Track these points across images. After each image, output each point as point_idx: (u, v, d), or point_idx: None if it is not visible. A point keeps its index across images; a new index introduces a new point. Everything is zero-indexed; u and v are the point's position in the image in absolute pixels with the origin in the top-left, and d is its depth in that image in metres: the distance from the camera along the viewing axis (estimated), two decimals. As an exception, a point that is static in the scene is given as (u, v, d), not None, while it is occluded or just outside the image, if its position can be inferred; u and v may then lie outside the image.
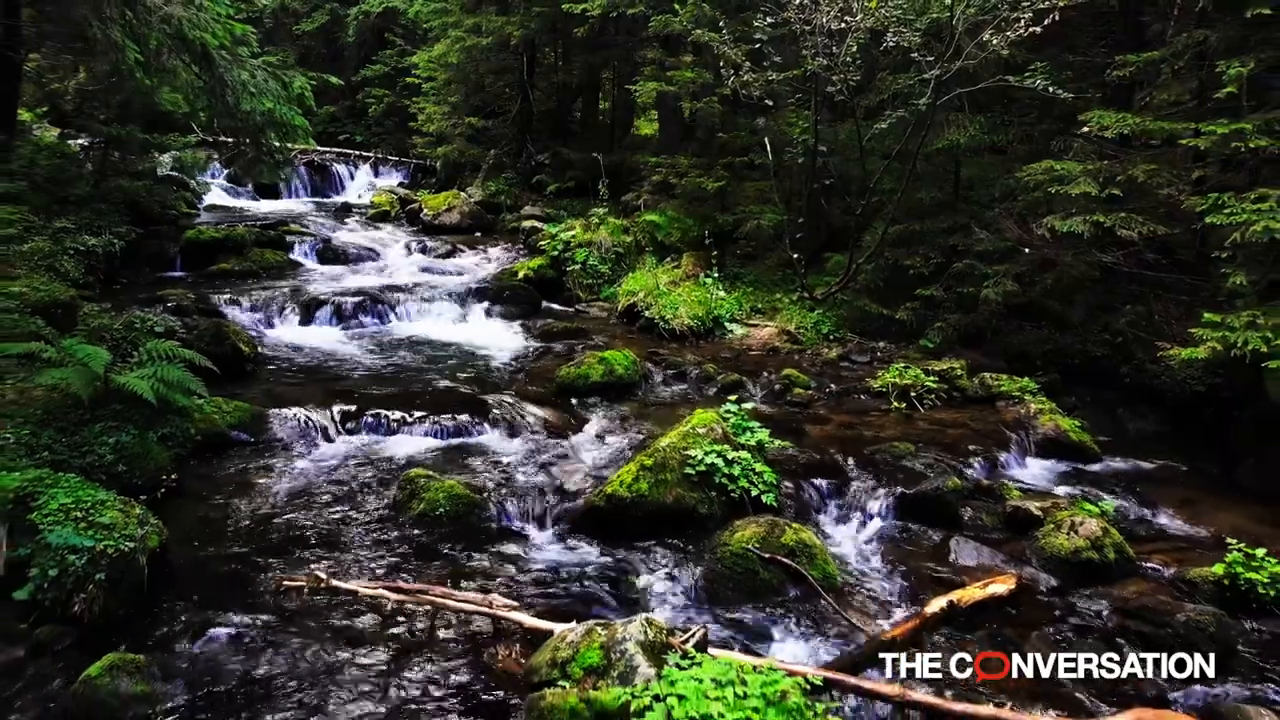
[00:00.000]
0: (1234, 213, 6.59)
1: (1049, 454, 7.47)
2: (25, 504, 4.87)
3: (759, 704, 3.13)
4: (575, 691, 3.60)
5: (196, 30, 5.12)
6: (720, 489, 5.80)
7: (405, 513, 5.69)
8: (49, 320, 8.37)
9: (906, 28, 8.80)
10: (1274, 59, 6.92)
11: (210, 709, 3.90)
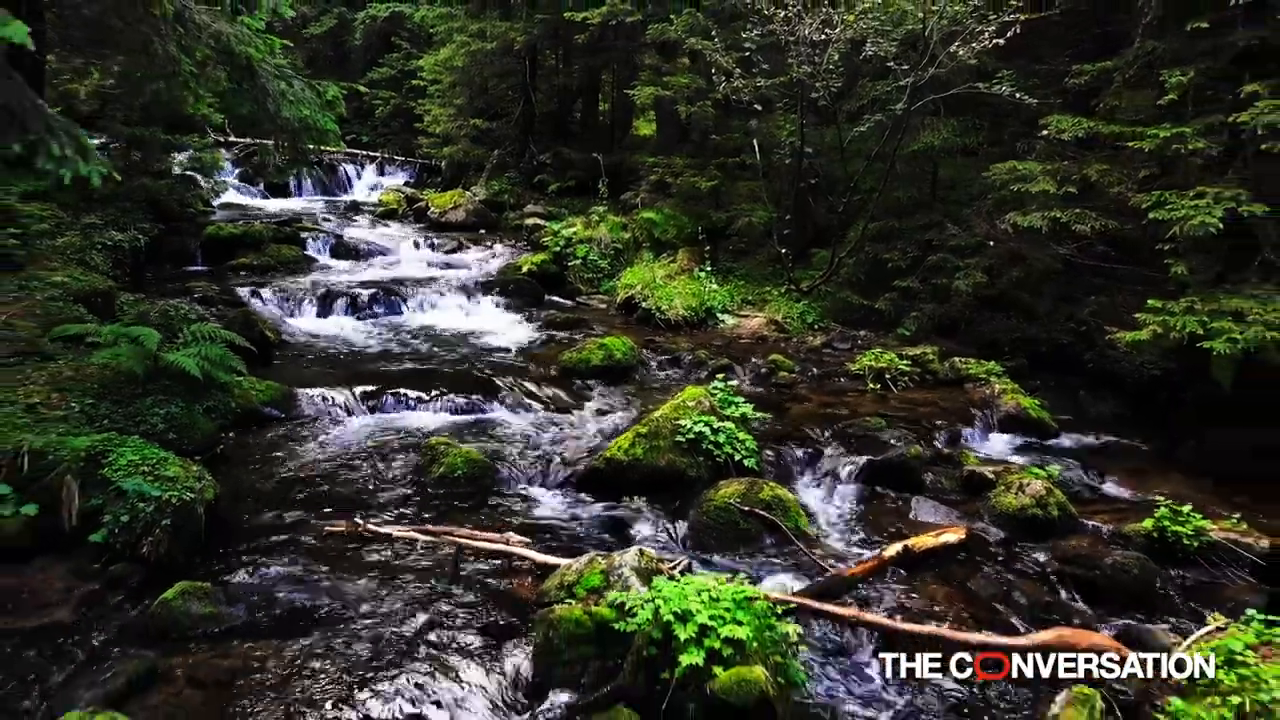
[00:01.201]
0: (1174, 209, 7.29)
1: (1010, 429, 8.16)
2: (96, 461, 5.55)
3: (730, 605, 3.81)
4: (579, 606, 4.29)
5: (242, 45, 5.79)
6: (707, 454, 6.49)
7: (427, 475, 6.38)
8: (90, 308, 9.11)
9: (883, 38, 9.51)
10: (1212, 69, 7.62)
11: (268, 628, 4.58)
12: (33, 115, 3.39)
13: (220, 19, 6.01)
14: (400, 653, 4.33)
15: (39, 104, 3.53)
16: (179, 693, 4.10)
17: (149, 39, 5.30)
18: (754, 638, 3.72)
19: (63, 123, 3.58)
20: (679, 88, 12.57)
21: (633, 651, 3.95)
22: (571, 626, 4.19)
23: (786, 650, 3.92)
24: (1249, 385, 7.68)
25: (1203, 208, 7.12)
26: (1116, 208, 8.18)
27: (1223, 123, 7.45)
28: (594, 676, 4.07)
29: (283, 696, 4.01)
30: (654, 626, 3.80)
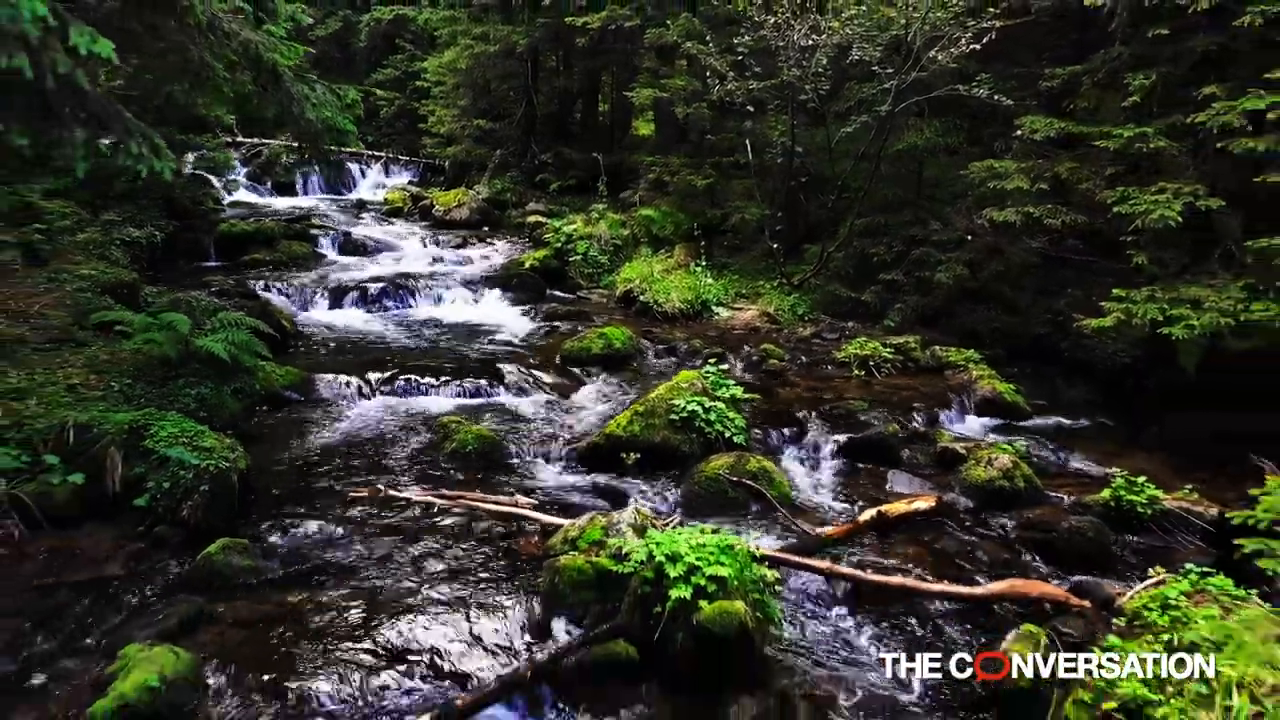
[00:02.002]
0: (1137, 203, 7.80)
1: (985, 412, 8.67)
2: (138, 434, 6.06)
3: (715, 550, 4.32)
4: (582, 557, 4.79)
5: (269, 53, 6.28)
6: (699, 431, 7.00)
7: (440, 450, 6.88)
8: (116, 299, 9.63)
9: (869, 43, 10.01)
10: (1171, 73, 8.13)
11: (301, 578, 5.09)
12: (116, 120, 3.88)
13: (246, 27, 6.50)
14: (421, 599, 4.84)
15: (119, 109, 4.03)
16: (224, 632, 4.61)
17: (185, 46, 5.77)
18: (735, 577, 4.22)
19: (138, 125, 4.07)
20: (676, 90, 13.08)
21: (629, 593, 4.46)
22: (575, 574, 4.70)
23: (764, 590, 4.42)
24: (1211, 371, 8.20)
25: (1162, 202, 7.63)
26: (1086, 203, 8.68)
27: (1184, 123, 7.95)
28: (595, 616, 4.58)
29: (317, 634, 4.52)
30: (648, 567, 4.31)
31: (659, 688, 4.24)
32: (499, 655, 4.42)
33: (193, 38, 5.97)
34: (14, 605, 4.94)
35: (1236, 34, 7.73)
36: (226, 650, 4.40)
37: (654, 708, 4.15)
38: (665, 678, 4.25)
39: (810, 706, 4.25)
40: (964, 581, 5.27)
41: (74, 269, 10.11)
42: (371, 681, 4.17)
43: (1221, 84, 7.82)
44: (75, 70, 3.35)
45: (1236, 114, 7.41)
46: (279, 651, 4.39)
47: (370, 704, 4.03)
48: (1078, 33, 10.45)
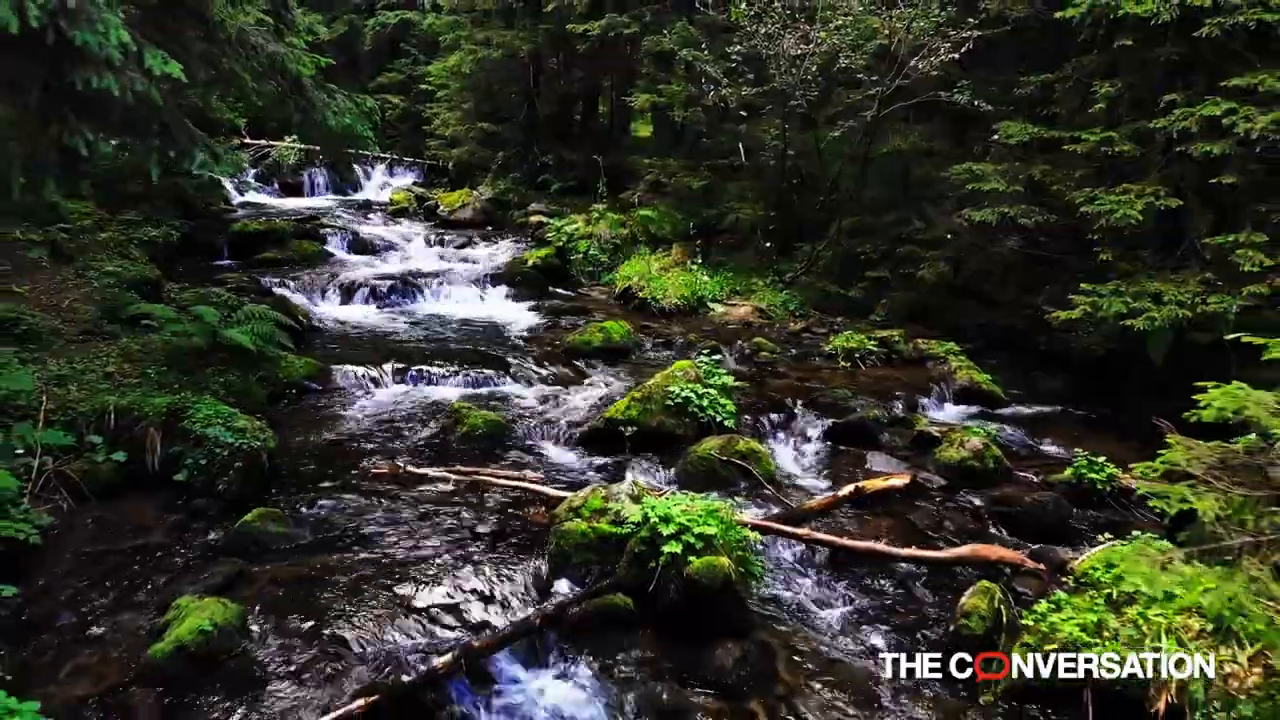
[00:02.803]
0: (1102, 203, 8.33)
1: (964, 400, 9.19)
2: (175, 416, 6.59)
3: (703, 513, 4.84)
4: (584, 523, 5.31)
5: (293, 64, 6.79)
6: (693, 416, 7.52)
7: (453, 433, 7.40)
8: (141, 294, 10.14)
9: (855, 52, 10.54)
10: (1138, 81, 8.66)
11: (329, 544, 5.61)
12: (182, 130, 4.40)
13: (272, 40, 7.03)
14: (440, 560, 5.36)
15: (185, 121, 4.54)
16: (262, 589, 5.12)
17: (217, 57, 6.29)
18: (721, 535, 4.75)
19: (201, 136, 4.59)
20: (673, 95, 13.60)
21: (627, 553, 4.99)
22: (578, 537, 5.22)
23: (747, 548, 4.95)
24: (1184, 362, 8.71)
25: (1125, 202, 8.17)
26: (1059, 204, 9.21)
27: (1148, 128, 8.48)
28: (596, 574, 5.10)
29: (347, 591, 5.04)
30: (644, 528, 4.84)
31: (653, 635, 4.76)
32: (511, 607, 4.95)
33: (224, 50, 6.48)
34: (70, 568, 5.46)
35: (1198, 44, 8.26)
36: (266, 603, 4.92)
37: (648, 652, 4.68)
38: (658, 626, 4.78)
39: (788, 653, 4.78)
40: (930, 547, 5.79)
41: (100, 265, 10.64)
42: (397, 628, 4.69)
43: (1183, 91, 8.36)
44: (150, 88, 3.86)
45: (1195, 120, 7.95)
46: (313, 605, 4.91)
47: (397, 646, 4.55)
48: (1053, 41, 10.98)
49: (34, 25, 3.29)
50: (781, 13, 10.43)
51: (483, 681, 4.35)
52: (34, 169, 4.05)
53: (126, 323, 9.01)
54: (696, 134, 14.76)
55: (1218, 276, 8.01)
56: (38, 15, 3.31)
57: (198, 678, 4.27)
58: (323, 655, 4.47)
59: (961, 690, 4.54)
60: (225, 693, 4.20)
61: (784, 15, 10.45)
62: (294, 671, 4.35)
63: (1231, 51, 8.28)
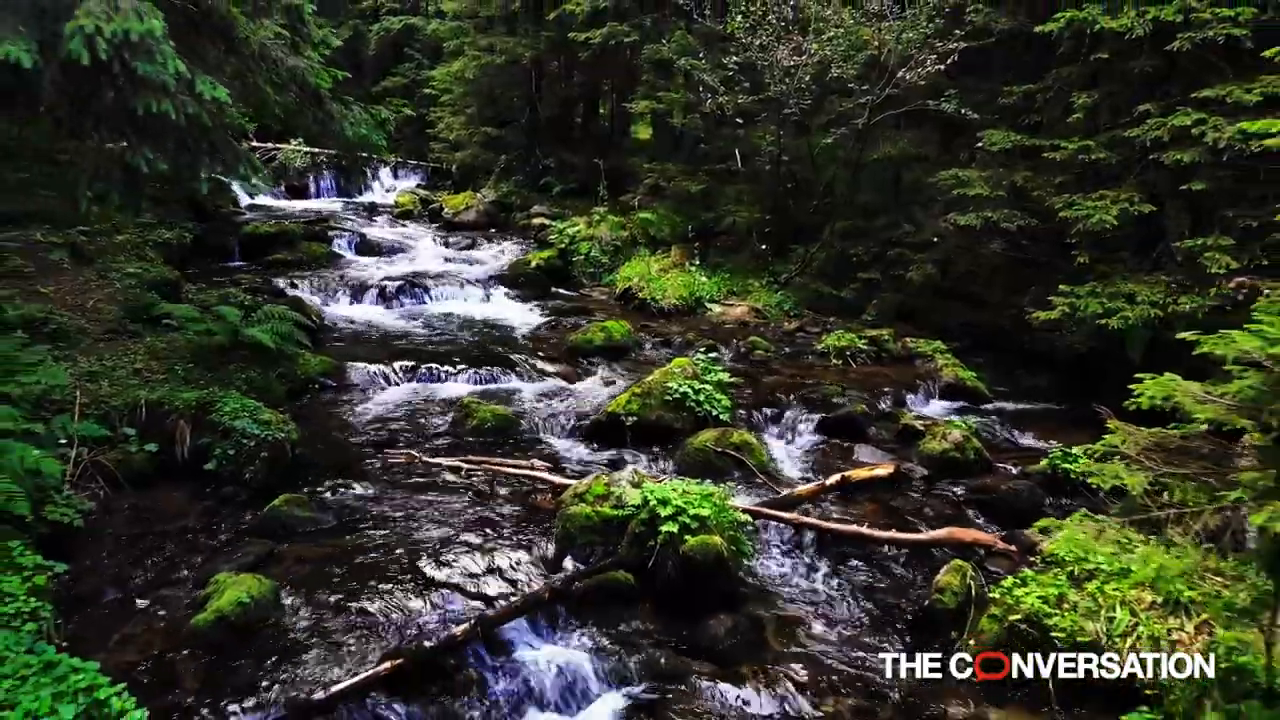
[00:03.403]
0: (1079, 208, 8.76)
1: (949, 396, 9.62)
2: (204, 409, 7.01)
3: (698, 496, 5.26)
4: (588, 507, 5.74)
5: (313, 78, 7.21)
6: (690, 410, 7.95)
7: (463, 426, 7.83)
8: (161, 295, 10.56)
9: (846, 63, 10.97)
10: (1115, 91, 9.08)
11: (351, 527, 6.03)
12: (228, 148, 4.82)
13: (292, 54, 7.46)
14: (455, 541, 5.79)
15: (230, 140, 4.97)
16: (291, 567, 5.55)
17: (242, 72, 6.72)
18: (714, 516, 5.18)
19: (244, 152, 5.01)
20: (672, 102, 14.04)
21: (628, 533, 5.41)
22: (582, 520, 5.65)
23: (738, 528, 5.37)
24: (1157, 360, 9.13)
25: (1101, 208, 8.59)
26: (1040, 209, 9.63)
27: (1123, 136, 8.90)
28: (599, 553, 5.53)
29: (369, 568, 5.46)
30: (643, 510, 5.26)
31: (651, 607, 5.19)
32: (521, 583, 5.37)
33: (248, 65, 6.90)
34: (111, 549, 5.89)
35: (1175, 56, 8.69)
36: (295, 580, 5.34)
37: (647, 623, 5.11)
38: (657, 600, 5.21)
39: (776, 624, 5.21)
40: (910, 530, 6.22)
41: (121, 267, 11.06)
42: (417, 601, 5.12)
43: (1158, 101, 8.79)
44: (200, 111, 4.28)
45: (1167, 129, 8.38)
46: (338, 581, 5.33)
47: (417, 617, 4.97)
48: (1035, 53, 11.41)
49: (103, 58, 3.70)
50: (776, 25, 10.86)
51: (497, 648, 4.77)
52: (101, 185, 4.46)
53: (149, 322, 9.44)
54: (695, 139, 15.19)
55: (1188, 278, 8.43)
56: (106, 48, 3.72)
57: (237, 645, 4.69)
58: (349, 625, 4.90)
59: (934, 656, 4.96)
60: (263, 658, 4.62)
61: (778, 27, 10.88)
62: (324, 639, 4.77)
63: (1207, 63, 8.71)
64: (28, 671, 3.99)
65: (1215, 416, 3.40)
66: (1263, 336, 3.27)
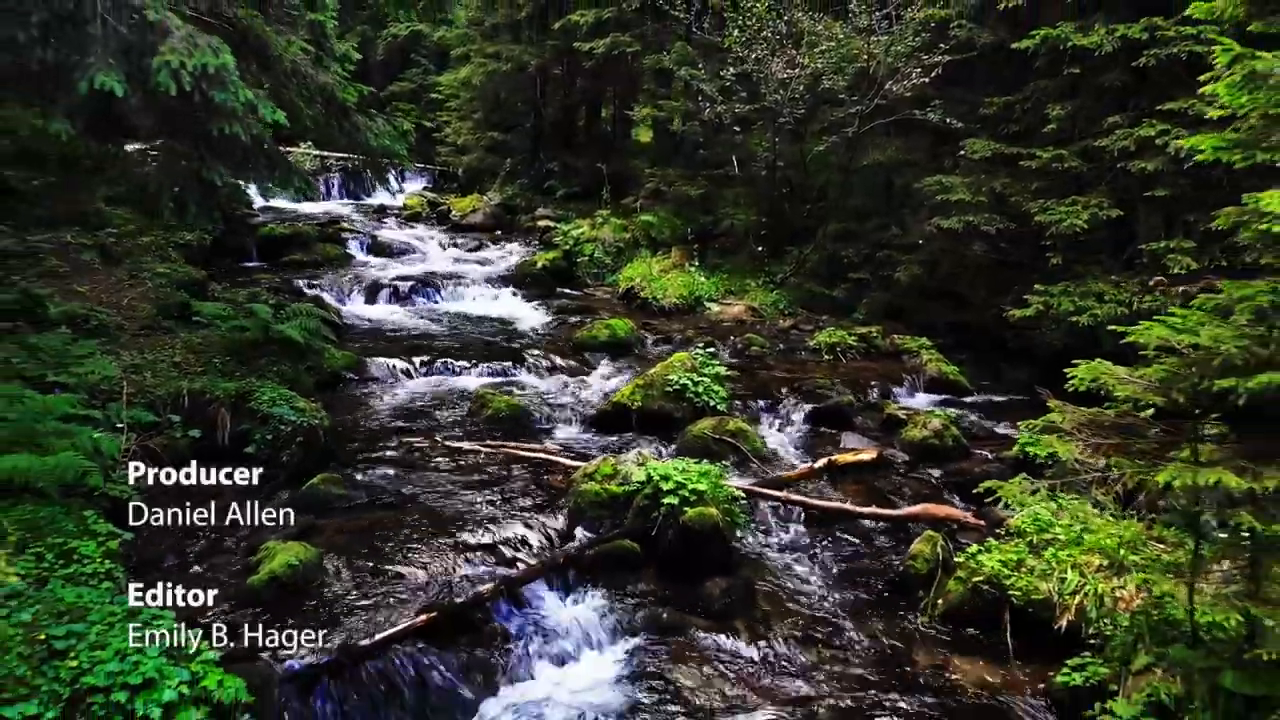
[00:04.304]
0: (1053, 213, 9.39)
1: (933, 389, 10.24)
2: (243, 398, 7.63)
3: (696, 474, 5.89)
4: (598, 485, 6.36)
5: (341, 93, 7.83)
6: (689, 401, 8.57)
7: (479, 415, 8.45)
8: (189, 294, 11.18)
9: (837, 74, 11.60)
10: (1086, 104, 9.71)
11: (383, 504, 6.65)
12: (282, 163, 5.44)
13: (321, 71, 8.09)
14: (477, 515, 6.41)
15: (284, 156, 5.58)
16: (330, 537, 6.16)
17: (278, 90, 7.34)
18: (710, 491, 5.80)
19: (296, 166, 5.63)
20: (672, 110, 14.67)
21: (633, 507, 6.04)
22: (592, 496, 6.28)
23: (733, 502, 6.00)
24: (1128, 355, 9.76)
25: (1073, 213, 9.23)
26: (1018, 213, 10.26)
27: (1093, 146, 9.53)
28: (607, 525, 6.15)
29: (401, 539, 6.08)
30: (648, 486, 5.89)
31: (654, 572, 5.81)
32: (538, 550, 6.00)
33: (282, 82, 7.53)
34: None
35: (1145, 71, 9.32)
36: (336, 548, 5.95)
37: (650, 585, 5.73)
38: (659, 565, 5.83)
39: (766, 587, 5.83)
40: (889, 507, 6.85)
41: (151, 268, 11.68)
42: (446, 566, 5.74)
43: (1126, 113, 9.42)
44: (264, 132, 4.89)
45: (1133, 139, 9.01)
46: (374, 549, 5.95)
47: (446, 578, 5.59)
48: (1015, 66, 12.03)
49: (186, 89, 4.31)
50: (771, 39, 11.50)
51: (519, 604, 5.40)
52: (180, 197, 5.07)
53: (180, 319, 10.07)
54: (694, 144, 15.82)
55: (1151, 278, 9.06)
56: (189, 80, 4.32)
57: (289, 601, 5.31)
58: (387, 585, 5.52)
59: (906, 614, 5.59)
60: (313, 612, 5.24)
61: (773, 42, 11.52)
62: (366, 596, 5.40)
63: (1175, 77, 9.34)
64: (114, 619, 4.62)
65: (1133, 394, 4.03)
66: (1170, 327, 3.89)
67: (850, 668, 5.10)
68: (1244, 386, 3.59)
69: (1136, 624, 5.01)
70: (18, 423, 5.84)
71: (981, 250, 10.72)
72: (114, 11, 4.27)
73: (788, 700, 4.75)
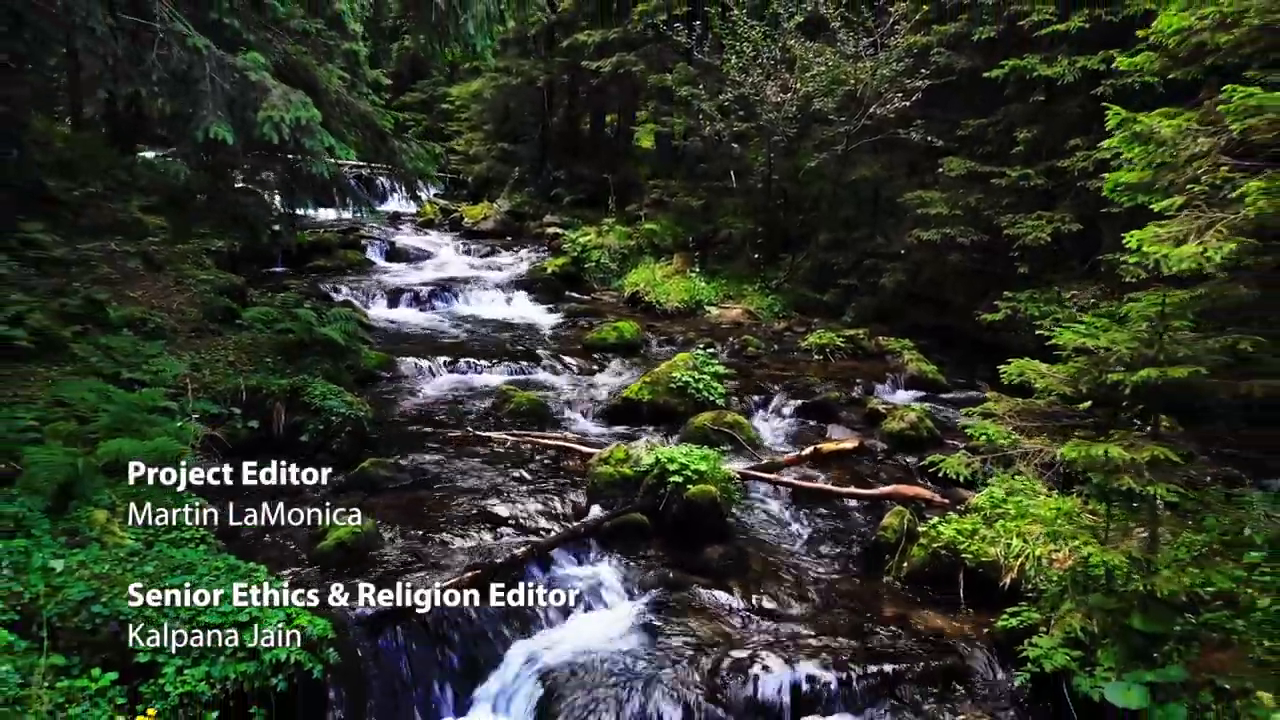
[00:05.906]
0: (1020, 226, 10.37)
1: (912, 386, 11.23)
2: (296, 393, 8.61)
3: (697, 456, 6.87)
4: (611, 468, 7.34)
5: (380, 120, 8.80)
6: (691, 396, 9.55)
7: (502, 409, 9.43)
8: (230, 298, 12.15)
9: (827, 97, 12.60)
10: (1051, 127, 10.70)
11: (424, 484, 7.63)
12: (352, 194, 6.40)
13: (361, 99, 9.07)
14: (507, 494, 7.39)
15: (353, 185, 6.55)
16: (382, 512, 7.12)
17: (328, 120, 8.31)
18: (710, 471, 6.78)
19: (361, 193, 6.59)
20: (674, 126, 15.67)
21: (642, 486, 7.02)
22: (607, 477, 7.26)
23: (728, 482, 6.98)
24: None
25: (1038, 226, 10.21)
26: (991, 225, 11.25)
27: (1058, 166, 10.51)
28: (620, 502, 7.13)
29: (443, 514, 7.06)
30: (655, 467, 6.87)
31: (662, 541, 6.79)
32: (560, 523, 6.97)
33: (328, 111, 8.51)
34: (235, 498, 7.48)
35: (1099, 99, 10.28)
36: (388, 520, 6.93)
37: (658, 551, 6.71)
38: (666, 535, 6.80)
39: (758, 553, 6.81)
40: (866, 487, 7.83)
41: (194, 274, 12.66)
42: (485, 534, 6.72)
43: (1086, 136, 10.40)
44: (338, 169, 5.84)
45: (1091, 161, 9.98)
46: (420, 521, 6.92)
47: (485, 545, 6.57)
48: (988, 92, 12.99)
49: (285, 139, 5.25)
50: (766, 65, 12.49)
51: (548, 566, 6.38)
52: (273, 222, 6.02)
53: (225, 322, 11.04)
54: (695, 157, 16.81)
55: (1109, 285, 10.04)
56: (288, 131, 5.28)
57: (354, 563, 6.29)
58: (435, 550, 6.50)
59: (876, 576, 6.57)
60: (375, 571, 6.22)
61: (768, 67, 12.51)
62: (417, 559, 6.38)
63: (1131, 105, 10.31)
64: (218, 572, 5.62)
65: (1050, 386, 5.01)
66: (1078, 331, 4.87)
67: (828, 617, 6.08)
68: (1129, 380, 4.58)
69: (1064, 579, 6.00)
70: (118, 412, 6.83)
71: (959, 259, 11.69)
72: (219, 71, 5.20)
73: (775, 641, 5.73)
